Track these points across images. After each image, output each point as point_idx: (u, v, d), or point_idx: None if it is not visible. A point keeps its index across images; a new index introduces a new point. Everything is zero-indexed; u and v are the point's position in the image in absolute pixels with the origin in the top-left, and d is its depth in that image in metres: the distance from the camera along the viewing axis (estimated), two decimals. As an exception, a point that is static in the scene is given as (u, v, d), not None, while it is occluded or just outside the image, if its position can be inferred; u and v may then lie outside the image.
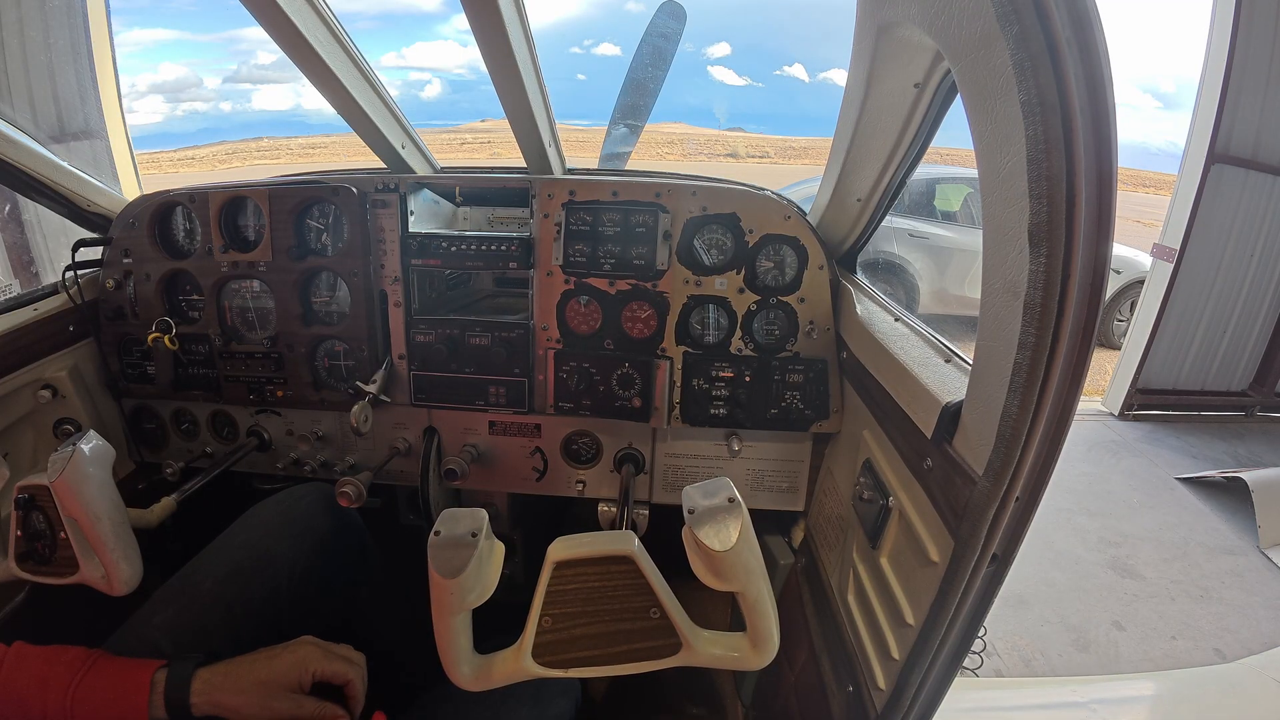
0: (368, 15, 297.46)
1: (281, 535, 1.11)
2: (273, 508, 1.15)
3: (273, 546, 1.08)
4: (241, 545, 1.09)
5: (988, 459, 0.69)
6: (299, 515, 1.15)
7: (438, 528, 0.77)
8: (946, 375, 0.91)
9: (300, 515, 1.15)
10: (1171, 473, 3.74)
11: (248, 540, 1.10)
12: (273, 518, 1.14)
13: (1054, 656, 2.40)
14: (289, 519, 1.14)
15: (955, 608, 0.76)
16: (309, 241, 1.39)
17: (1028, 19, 0.54)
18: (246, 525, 1.13)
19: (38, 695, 0.82)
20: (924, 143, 1.06)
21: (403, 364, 1.41)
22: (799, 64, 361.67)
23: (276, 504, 1.16)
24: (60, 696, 0.82)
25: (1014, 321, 0.63)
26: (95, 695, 0.83)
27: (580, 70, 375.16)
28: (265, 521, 1.13)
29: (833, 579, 1.25)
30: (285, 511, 1.15)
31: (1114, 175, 0.56)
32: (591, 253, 1.34)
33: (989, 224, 0.67)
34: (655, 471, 1.48)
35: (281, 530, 1.12)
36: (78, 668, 0.84)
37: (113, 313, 1.44)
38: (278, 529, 1.12)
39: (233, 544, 1.09)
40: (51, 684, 0.83)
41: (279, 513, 1.15)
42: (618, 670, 0.76)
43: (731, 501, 0.73)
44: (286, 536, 1.11)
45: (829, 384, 1.34)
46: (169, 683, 0.86)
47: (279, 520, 1.13)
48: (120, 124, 1.71)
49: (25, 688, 0.82)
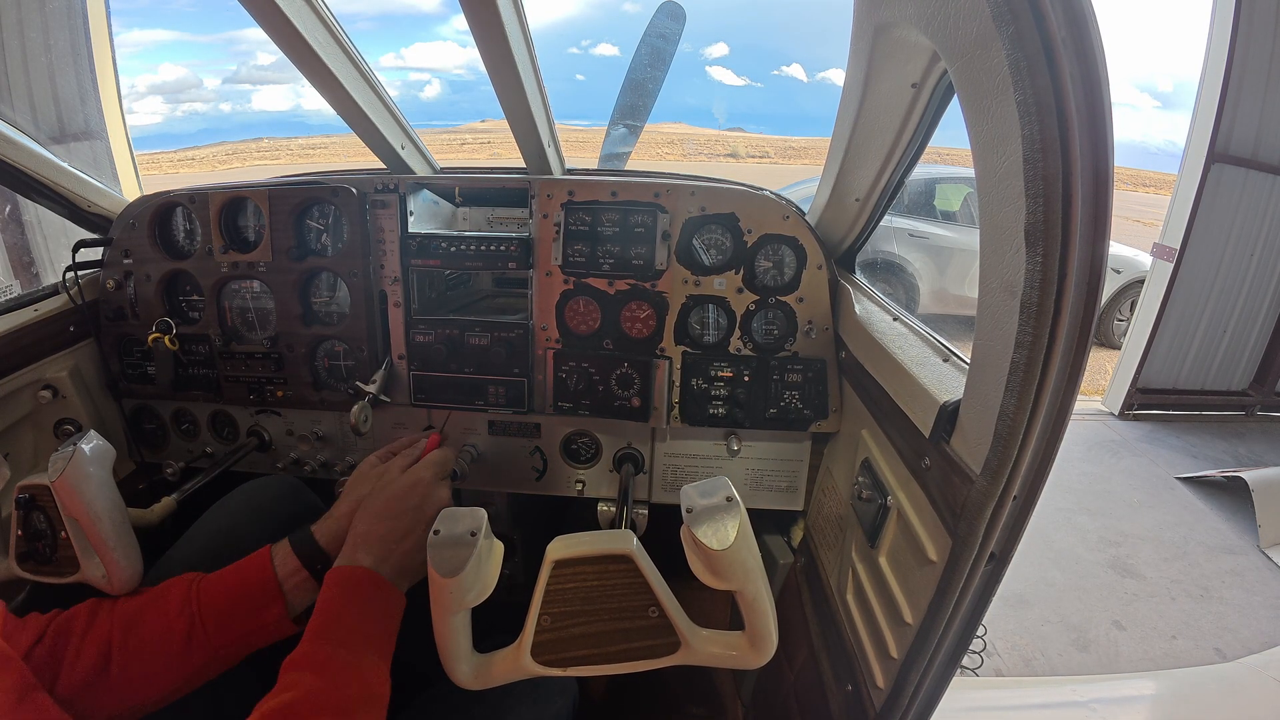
0: (367, 16, 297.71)
1: (249, 521, 1.14)
2: (239, 497, 1.19)
3: (241, 532, 1.11)
4: (213, 531, 1.13)
5: (985, 458, 0.69)
6: (264, 502, 1.19)
7: (437, 527, 0.78)
8: (944, 374, 0.91)
9: (265, 502, 1.19)
10: (1171, 472, 3.74)
11: (218, 527, 1.13)
12: (239, 506, 1.17)
13: (1054, 656, 2.40)
14: (254, 506, 1.18)
15: (953, 606, 0.76)
16: (309, 242, 1.39)
17: (1023, 19, 0.54)
18: (217, 513, 1.16)
19: (159, 605, 0.87)
20: (922, 143, 1.07)
21: (402, 364, 1.41)
22: (797, 64, 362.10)
23: (242, 493, 1.20)
24: (184, 589, 0.88)
25: (1011, 321, 0.63)
26: (218, 583, 0.89)
27: (579, 70, 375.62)
28: (232, 510, 1.17)
29: (832, 578, 1.25)
30: (250, 499, 1.19)
31: (1110, 174, 0.56)
32: (590, 253, 1.34)
33: (986, 223, 0.68)
34: (654, 471, 1.49)
35: (248, 516, 1.15)
36: (192, 577, 0.91)
37: (113, 313, 1.45)
38: (244, 516, 1.15)
39: (205, 530, 1.13)
40: (171, 591, 0.89)
41: (245, 501, 1.18)
42: (617, 669, 0.76)
43: (729, 500, 0.73)
44: (253, 522, 1.14)
45: (828, 384, 1.34)
46: (292, 542, 0.93)
47: (245, 508, 1.17)
48: (120, 125, 1.72)
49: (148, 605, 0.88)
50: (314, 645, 0.77)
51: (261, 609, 0.88)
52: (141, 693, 0.83)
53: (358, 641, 0.79)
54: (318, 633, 0.79)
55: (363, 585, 0.85)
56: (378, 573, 0.86)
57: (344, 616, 0.81)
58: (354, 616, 0.81)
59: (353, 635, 0.79)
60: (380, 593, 0.85)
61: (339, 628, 0.80)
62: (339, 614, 0.81)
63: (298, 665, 0.75)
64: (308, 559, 0.91)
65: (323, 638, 0.78)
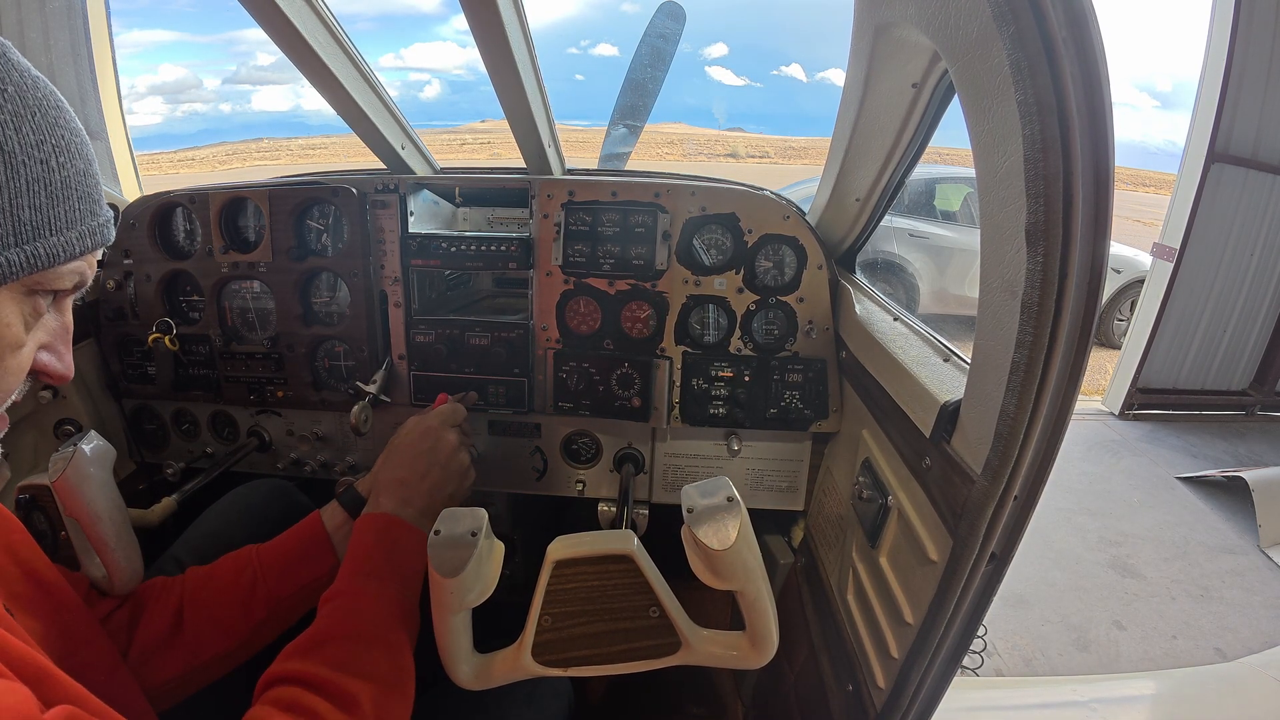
0: (366, 16, 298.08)
1: (240, 524, 1.17)
2: (232, 499, 1.22)
3: (233, 535, 1.13)
4: (206, 534, 1.15)
5: (986, 458, 0.69)
6: (254, 505, 1.21)
7: (437, 527, 0.77)
8: (945, 374, 0.91)
9: (256, 505, 1.21)
10: (1172, 472, 3.74)
11: (211, 529, 1.16)
12: (232, 509, 1.20)
13: (1054, 656, 2.40)
14: (245, 509, 1.20)
15: (954, 606, 0.76)
16: (309, 242, 1.39)
17: (1024, 19, 0.54)
18: (210, 516, 1.19)
19: (222, 564, 0.94)
20: (922, 143, 1.07)
21: (403, 364, 1.41)
22: (796, 64, 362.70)
23: (235, 496, 1.23)
24: (244, 552, 0.95)
25: (1012, 320, 0.63)
26: (274, 545, 0.97)
27: (578, 71, 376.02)
28: (225, 512, 1.19)
29: (832, 578, 1.25)
30: (242, 502, 1.21)
31: (1111, 174, 0.56)
32: (591, 253, 1.34)
33: (987, 223, 0.68)
34: (655, 471, 1.49)
35: (240, 519, 1.18)
36: (248, 547, 0.97)
37: (113, 313, 1.44)
38: (236, 519, 1.18)
39: (199, 533, 1.15)
40: (228, 557, 0.95)
41: (237, 504, 1.21)
42: (617, 669, 0.76)
43: (730, 500, 0.73)
44: (244, 525, 1.16)
45: (828, 383, 1.34)
46: (339, 499, 1.01)
47: (237, 511, 1.20)
48: (120, 125, 1.72)
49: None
50: (344, 581, 0.84)
51: (315, 561, 0.96)
52: (208, 648, 0.88)
53: (386, 574, 0.85)
54: (348, 572, 0.86)
55: (388, 528, 0.91)
56: (399, 516, 0.93)
57: (373, 555, 0.87)
58: (381, 555, 0.88)
59: (381, 569, 0.86)
60: (404, 533, 0.92)
61: (368, 564, 0.86)
62: (368, 553, 0.88)
63: (329, 599, 0.82)
64: (353, 510, 1.00)
65: (353, 574, 0.85)
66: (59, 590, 0.76)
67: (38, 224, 0.55)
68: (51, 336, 0.62)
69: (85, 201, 0.59)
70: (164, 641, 0.86)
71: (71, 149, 0.58)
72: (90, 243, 0.60)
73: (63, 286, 0.60)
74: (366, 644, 0.76)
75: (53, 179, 0.56)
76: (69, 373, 0.64)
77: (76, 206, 0.58)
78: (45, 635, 0.69)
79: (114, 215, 0.66)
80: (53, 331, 0.62)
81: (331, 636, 0.76)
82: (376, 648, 0.77)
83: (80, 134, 0.60)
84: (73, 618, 0.75)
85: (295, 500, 1.27)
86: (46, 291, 0.59)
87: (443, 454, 1.04)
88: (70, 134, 0.58)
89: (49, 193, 0.55)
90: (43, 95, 0.56)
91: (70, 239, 0.58)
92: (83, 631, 0.75)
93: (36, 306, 0.58)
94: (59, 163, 0.56)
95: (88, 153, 0.60)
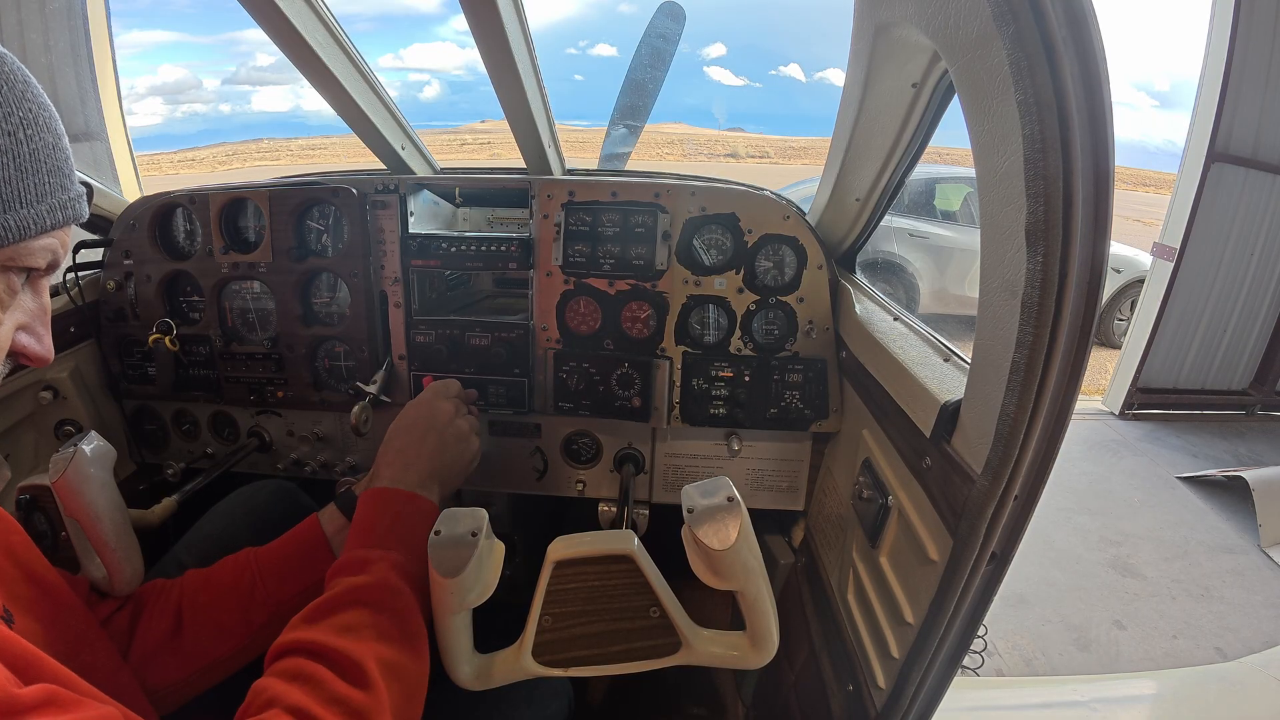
0: (366, 17, 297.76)
1: (243, 526, 1.16)
2: (235, 500, 1.21)
3: (236, 536, 1.13)
4: (209, 535, 1.14)
5: (986, 457, 0.69)
6: (258, 507, 1.21)
7: (438, 527, 0.78)
8: (945, 374, 0.91)
9: (259, 507, 1.21)
10: (1172, 471, 3.74)
11: (214, 531, 1.15)
12: (235, 510, 1.19)
13: (1055, 656, 2.40)
14: (249, 510, 1.20)
15: (954, 606, 0.76)
16: (309, 242, 1.39)
17: (1024, 19, 0.54)
18: (213, 517, 1.18)
19: (221, 568, 0.94)
20: (922, 142, 1.07)
21: (403, 365, 1.41)
22: (795, 64, 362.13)
23: (239, 496, 1.22)
24: (241, 555, 0.95)
25: (1012, 320, 0.63)
26: (272, 548, 0.96)
27: (577, 71, 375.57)
28: (228, 513, 1.19)
29: (832, 578, 1.25)
30: (246, 503, 1.21)
31: (1111, 174, 0.56)
32: (591, 253, 1.34)
33: (987, 223, 0.68)
34: (655, 471, 1.49)
35: (243, 521, 1.17)
36: (246, 550, 0.97)
37: (113, 314, 1.45)
38: (240, 520, 1.18)
39: (202, 534, 1.15)
40: (227, 560, 0.95)
41: (240, 505, 1.20)
42: (618, 669, 0.76)
43: (730, 500, 0.73)
44: (247, 527, 1.16)
45: (828, 383, 1.34)
46: (337, 502, 1.01)
47: (241, 512, 1.19)
48: (120, 126, 1.71)
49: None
50: (349, 552, 0.84)
51: (314, 563, 0.94)
52: (208, 651, 0.87)
53: (391, 542, 0.86)
54: (352, 544, 0.86)
55: (389, 498, 0.92)
56: (400, 485, 0.93)
57: (376, 526, 0.88)
58: (384, 524, 0.88)
59: (385, 538, 0.86)
60: (405, 501, 0.92)
61: (370, 534, 0.87)
62: (371, 525, 0.88)
63: (335, 571, 0.82)
64: (350, 512, 0.98)
65: (356, 544, 0.85)
66: (59, 592, 0.75)
67: (7, 196, 0.54)
68: (30, 318, 0.62)
69: (55, 175, 0.59)
70: (164, 644, 0.86)
71: (39, 121, 0.57)
72: (61, 216, 0.59)
73: (36, 264, 0.59)
74: (373, 609, 0.75)
75: (20, 150, 0.55)
76: (49, 355, 0.64)
77: (46, 180, 0.58)
78: (47, 637, 0.68)
79: (88, 192, 0.65)
80: (30, 313, 0.62)
81: (338, 604, 0.76)
82: (383, 612, 0.76)
83: (49, 109, 0.59)
84: (74, 620, 0.75)
85: (299, 502, 1.27)
86: (20, 269, 0.58)
87: (440, 420, 1.04)
88: (38, 108, 0.57)
89: (17, 165, 0.55)
90: (8, 70, 0.56)
91: (40, 212, 0.57)
92: (84, 634, 0.75)
93: (10, 284, 0.58)
94: (26, 135, 0.56)
95: (57, 127, 0.60)
